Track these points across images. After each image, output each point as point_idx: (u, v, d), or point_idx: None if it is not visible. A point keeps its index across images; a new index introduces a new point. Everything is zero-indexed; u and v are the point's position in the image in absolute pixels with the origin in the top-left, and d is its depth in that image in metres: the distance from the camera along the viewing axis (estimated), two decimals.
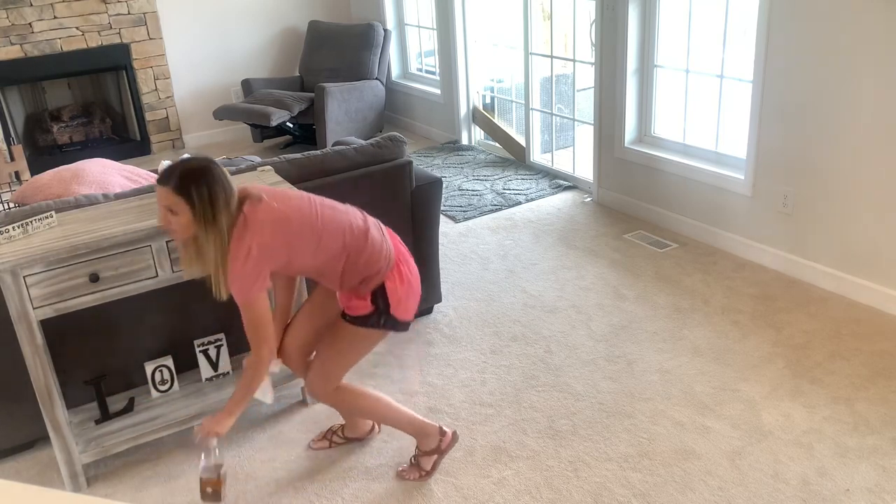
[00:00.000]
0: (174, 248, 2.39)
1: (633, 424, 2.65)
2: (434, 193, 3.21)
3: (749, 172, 3.66)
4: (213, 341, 2.78)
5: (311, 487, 2.46)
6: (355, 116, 5.78)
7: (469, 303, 3.55)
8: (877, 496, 2.28)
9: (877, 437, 2.52)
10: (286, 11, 6.52)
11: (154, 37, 5.99)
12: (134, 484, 2.53)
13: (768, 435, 2.56)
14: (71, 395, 2.65)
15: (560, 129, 5.24)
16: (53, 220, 2.39)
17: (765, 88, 3.48)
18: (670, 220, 4.17)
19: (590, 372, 2.97)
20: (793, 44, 3.31)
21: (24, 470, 2.63)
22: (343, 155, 3.01)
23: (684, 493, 2.33)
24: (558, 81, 5.10)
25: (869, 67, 3.06)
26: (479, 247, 4.14)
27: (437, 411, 2.79)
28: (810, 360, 2.95)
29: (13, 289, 2.20)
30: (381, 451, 2.60)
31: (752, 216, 3.72)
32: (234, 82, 6.40)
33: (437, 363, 3.09)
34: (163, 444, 2.70)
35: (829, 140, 3.29)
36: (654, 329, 3.23)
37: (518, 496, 2.37)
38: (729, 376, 2.88)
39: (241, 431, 2.75)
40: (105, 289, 2.34)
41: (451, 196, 4.82)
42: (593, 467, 2.46)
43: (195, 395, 2.75)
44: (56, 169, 3.24)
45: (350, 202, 2.99)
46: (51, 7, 5.54)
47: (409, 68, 6.48)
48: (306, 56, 6.27)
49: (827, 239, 3.41)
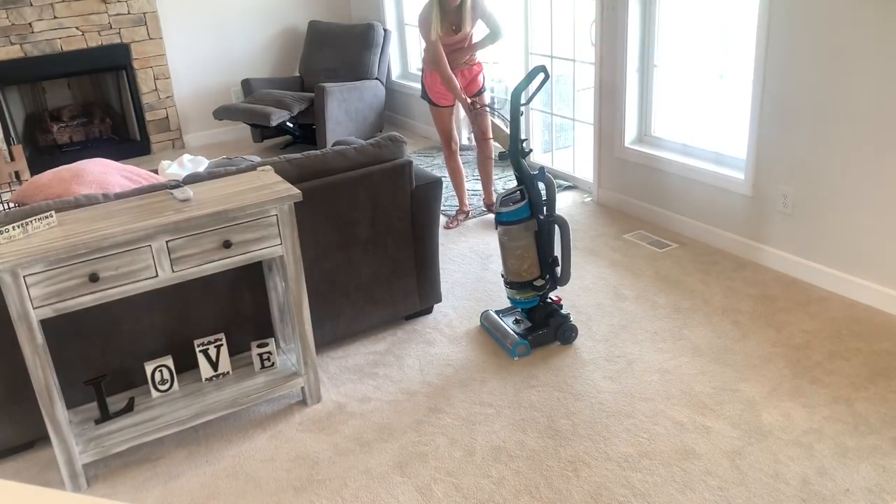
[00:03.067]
0: (174, 247, 2.39)
1: (633, 424, 2.65)
2: (434, 193, 3.21)
3: (749, 172, 3.66)
4: (213, 341, 2.78)
5: (311, 487, 2.46)
6: (355, 116, 5.78)
7: (469, 303, 3.55)
8: (877, 496, 2.28)
9: (877, 437, 2.52)
10: (286, 11, 6.52)
11: (154, 37, 5.99)
12: (134, 484, 2.53)
13: (768, 435, 2.56)
14: (71, 395, 2.65)
15: (560, 129, 5.24)
16: (53, 220, 2.39)
17: (765, 88, 3.48)
18: (670, 220, 4.17)
19: (590, 372, 2.97)
20: (793, 43, 3.31)
21: (24, 470, 2.63)
22: (343, 155, 3.01)
23: (684, 493, 2.33)
24: (558, 81, 5.10)
25: (869, 67, 3.06)
26: (479, 247, 4.14)
27: (438, 411, 2.79)
28: (810, 360, 2.95)
29: (13, 289, 2.20)
30: (382, 451, 2.61)
31: (752, 216, 3.72)
32: (234, 82, 6.40)
33: (437, 363, 3.09)
34: (163, 444, 2.70)
35: (829, 140, 3.29)
36: (654, 329, 3.23)
37: (518, 496, 2.37)
38: (729, 376, 2.88)
39: (241, 431, 2.75)
40: (105, 289, 2.34)
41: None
42: (593, 467, 2.46)
43: (195, 395, 2.75)
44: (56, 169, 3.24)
45: (350, 202, 3.00)
46: (51, 7, 5.55)
47: (409, 68, 6.48)
48: (306, 56, 6.27)
49: (827, 239, 3.42)
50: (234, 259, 2.52)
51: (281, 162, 2.90)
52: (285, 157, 2.93)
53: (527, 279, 3.07)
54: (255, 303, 2.93)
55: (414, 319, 3.42)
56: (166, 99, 6.19)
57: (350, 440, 2.67)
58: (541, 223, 3.03)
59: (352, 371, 3.08)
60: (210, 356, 2.79)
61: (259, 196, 2.51)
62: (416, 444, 2.63)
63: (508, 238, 3.03)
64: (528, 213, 3.01)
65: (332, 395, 2.93)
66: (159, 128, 6.23)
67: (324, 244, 2.99)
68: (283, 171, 2.87)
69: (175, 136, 6.32)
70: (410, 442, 2.64)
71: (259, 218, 2.52)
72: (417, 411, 2.80)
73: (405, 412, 2.80)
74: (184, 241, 2.41)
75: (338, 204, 2.97)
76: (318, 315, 3.05)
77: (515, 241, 3.02)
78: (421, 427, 2.71)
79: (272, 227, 2.56)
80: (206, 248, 2.46)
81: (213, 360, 2.80)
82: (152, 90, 6.11)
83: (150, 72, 6.05)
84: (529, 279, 3.07)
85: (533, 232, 3.02)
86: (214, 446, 2.68)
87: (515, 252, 3.04)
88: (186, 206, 2.47)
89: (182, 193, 2.54)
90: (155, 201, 2.55)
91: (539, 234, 3.03)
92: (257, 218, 2.51)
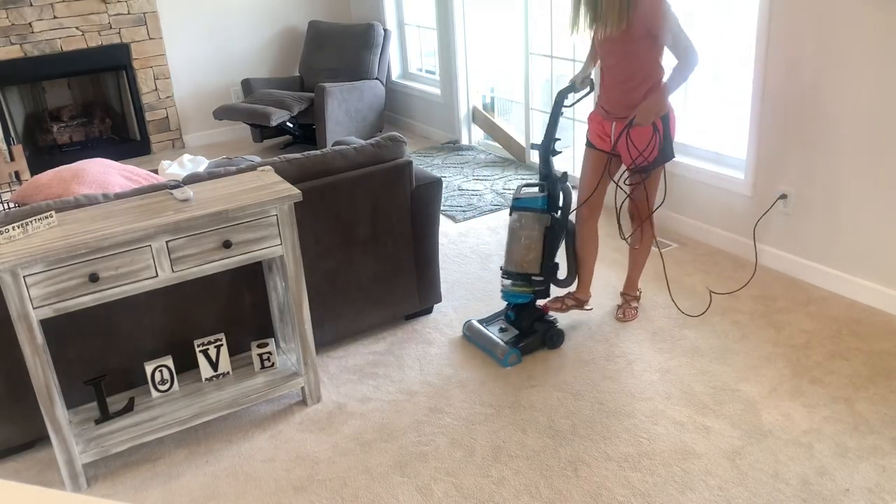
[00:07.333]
0: (174, 247, 2.39)
1: (632, 424, 2.65)
2: (434, 193, 3.21)
3: (749, 172, 3.66)
4: (213, 341, 2.78)
5: (311, 487, 2.46)
6: (355, 116, 5.78)
7: (469, 303, 3.55)
8: (877, 496, 2.28)
9: (877, 436, 2.52)
10: (286, 11, 6.52)
11: (154, 37, 5.99)
12: (134, 484, 2.53)
13: (768, 435, 2.56)
14: (71, 395, 2.65)
15: (560, 130, 5.22)
16: (53, 220, 2.39)
17: (765, 88, 3.48)
18: (670, 220, 4.17)
19: (590, 372, 2.97)
20: (793, 43, 3.31)
21: (24, 470, 2.63)
22: (343, 155, 3.01)
23: (684, 493, 2.33)
24: (558, 82, 5.09)
25: (869, 67, 3.06)
26: (479, 247, 4.14)
27: (438, 411, 2.79)
28: (810, 360, 2.95)
29: (13, 289, 2.20)
30: (382, 451, 2.61)
31: (752, 216, 3.72)
32: (234, 82, 6.40)
33: (437, 363, 3.09)
34: (163, 444, 2.70)
35: (829, 140, 3.29)
36: (654, 329, 3.23)
37: (518, 496, 2.37)
38: (729, 376, 2.88)
39: (241, 431, 2.75)
40: (105, 289, 2.34)
41: (451, 196, 4.82)
42: (593, 467, 2.46)
43: (195, 395, 2.75)
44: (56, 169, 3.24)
45: (350, 202, 3.00)
46: (51, 7, 5.54)
47: (409, 68, 6.48)
48: (306, 56, 6.27)
49: (827, 239, 3.41)
50: (234, 259, 2.52)
51: (281, 162, 2.90)
52: (285, 157, 2.93)
53: (527, 271, 3.07)
54: (255, 303, 2.93)
55: (414, 319, 3.42)
56: (166, 99, 6.19)
57: (350, 440, 2.67)
58: (554, 220, 3.05)
59: (352, 371, 3.08)
60: (210, 356, 2.79)
61: (259, 196, 2.51)
62: (416, 444, 2.63)
63: (521, 224, 3.05)
64: (545, 205, 3.04)
65: (332, 395, 2.93)
66: (159, 128, 6.23)
67: (324, 244, 2.99)
68: (283, 171, 2.87)
69: (175, 136, 6.32)
70: (410, 442, 2.64)
71: (259, 218, 2.52)
72: (417, 411, 2.80)
73: (405, 412, 2.80)
74: (184, 241, 2.41)
75: (338, 204, 2.97)
76: (318, 315, 3.05)
77: (527, 229, 3.04)
78: (421, 427, 2.71)
79: (272, 227, 2.55)
80: (206, 248, 2.46)
81: (213, 360, 2.80)
82: (152, 90, 6.11)
83: (150, 72, 6.05)
84: (529, 272, 3.07)
85: (544, 227, 3.04)
86: (214, 446, 2.68)
87: (523, 241, 3.05)
88: (186, 206, 2.47)
89: (182, 193, 2.54)
90: (155, 201, 2.55)
91: (549, 231, 3.05)
92: (257, 218, 2.51)
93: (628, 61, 2.86)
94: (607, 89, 3.00)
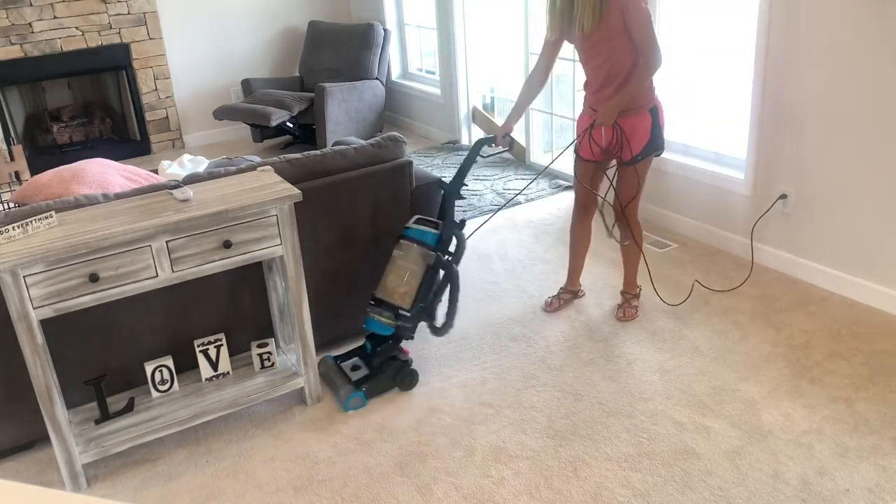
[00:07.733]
0: (174, 247, 2.39)
1: (633, 424, 2.65)
2: (434, 193, 3.21)
3: (749, 172, 3.66)
4: (213, 341, 2.78)
5: (311, 487, 2.46)
6: (355, 116, 5.78)
7: (469, 303, 3.54)
8: (877, 496, 2.28)
9: (877, 437, 2.52)
10: (286, 11, 6.52)
11: (154, 37, 6.00)
12: (134, 484, 2.53)
13: (768, 435, 2.56)
14: (71, 395, 2.65)
15: (560, 130, 5.24)
16: (53, 220, 2.39)
17: (765, 88, 3.48)
18: (670, 220, 4.17)
19: (590, 372, 2.97)
20: (793, 44, 3.31)
21: (24, 470, 2.63)
22: (343, 155, 3.01)
23: (684, 493, 2.33)
24: (558, 81, 5.09)
25: (869, 67, 3.06)
26: (479, 247, 4.14)
27: (437, 411, 2.79)
28: (810, 360, 2.95)
29: (13, 289, 2.20)
30: (382, 451, 2.61)
31: (752, 216, 3.72)
32: (234, 82, 6.40)
33: (437, 363, 3.09)
34: (163, 444, 2.70)
35: (829, 140, 3.29)
36: (654, 329, 3.23)
37: (518, 496, 2.37)
38: (729, 376, 2.88)
39: (241, 431, 2.75)
40: (105, 289, 2.34)
41: None
42: (593, 467, 2.46)
43: (195, 395, 2.75)
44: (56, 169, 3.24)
45: (350, 202, 3.00)
46: (51, 7, 5.55)
47: (409, 68, 6.48)
48: (306, 56, 6.27)
49: (827, 239, 3.42)
50: (234, 259, 2.52)
51: (281, 162, 2.90)
52: (285, 157, 2.93)
53: (396, 303, 2.84)
54: (255, 303, 2.93)
55: None
56: (166, 99, 6.19)
57: (350, 440, 2.67)
58: (438, 261, 2.85)
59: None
60: (210, 356, 2.79)
61: (259, 196, 2.51)
62: (416, 444, 2.63)
63: (402, 255, 2.84)
64: (434, 242, 2.85)
65: None
66: (159, 128, 6.23)
67: (324, 244, 2.99)
68: (283, 171, 2.86)
69: (175, 136, 6.32)
70: (410, 442, 2.64)
71: (259, 218, 2.52)
72: (417, 411, 2.80)
73: (405, 412, 2.80)
74: (184, 241, 2.41)
75: (338, 204, 2.97)
76: (318, 315, 3.05)
77: (408, 261, 2.83)
78: (421, 427, 2.71)
79: (272, 227, 2.56)
80: (206, 248, 2.46)
81: (213, 360, 2.80)
82: (152, 90, 6.11)
83: (150, 72, 6.05)
84: (398, 305, 2.84)
85: (427, 265, 2.83)
86: (214, 446, 2.68)
87: (400, 271, 2.84)
88: (186, 206, 2.47)
89: (182, 193, 2.54)
90: (155, 201, 2.55)
91: (430, 270, 2.84)
92: (257, 218, 2.51)
93: (613, 58, 2.90)
94: (595, 90, 3.02)
